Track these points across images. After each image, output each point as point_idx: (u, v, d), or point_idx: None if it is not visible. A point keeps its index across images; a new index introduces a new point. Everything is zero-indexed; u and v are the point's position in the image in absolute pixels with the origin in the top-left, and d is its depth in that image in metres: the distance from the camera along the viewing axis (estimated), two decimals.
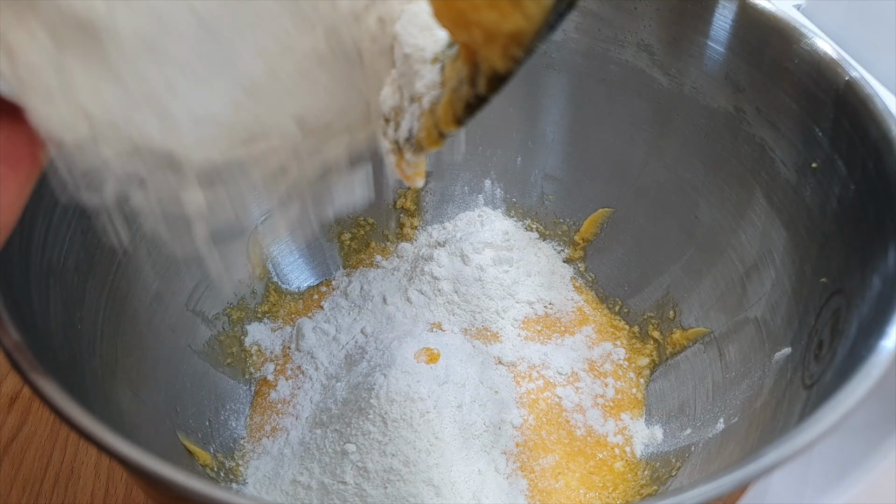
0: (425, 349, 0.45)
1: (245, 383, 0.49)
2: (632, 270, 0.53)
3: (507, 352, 0.50)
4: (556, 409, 0.47)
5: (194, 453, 0.42)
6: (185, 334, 0.48)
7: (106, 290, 0.39)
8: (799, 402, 0.34)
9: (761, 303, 0.42)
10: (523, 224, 0.57)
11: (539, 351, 0.50)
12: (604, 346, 0.51)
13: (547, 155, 0.55)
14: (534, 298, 0.53)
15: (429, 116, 0.25)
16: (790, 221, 0.41)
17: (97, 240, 0.39)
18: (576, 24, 0.49)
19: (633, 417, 0.47)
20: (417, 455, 0.40)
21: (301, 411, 0.47)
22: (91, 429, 0.24)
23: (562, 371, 0.49)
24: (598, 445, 0.46)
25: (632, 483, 0.44)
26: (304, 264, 0.55)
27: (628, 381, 0.49)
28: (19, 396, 0.49)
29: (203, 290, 0.49)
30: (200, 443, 0.43)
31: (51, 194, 0.35)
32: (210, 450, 0.43)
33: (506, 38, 0.20)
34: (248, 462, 0.45)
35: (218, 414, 0.46)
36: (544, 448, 0.45)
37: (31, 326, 0.29)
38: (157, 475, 0.23)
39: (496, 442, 0.44)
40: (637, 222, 0.52)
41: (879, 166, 0.34)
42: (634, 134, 0.50)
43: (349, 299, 0.53)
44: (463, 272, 0.52)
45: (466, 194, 0.58)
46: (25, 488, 0.44)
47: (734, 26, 0.43)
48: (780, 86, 0.41)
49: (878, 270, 0.32)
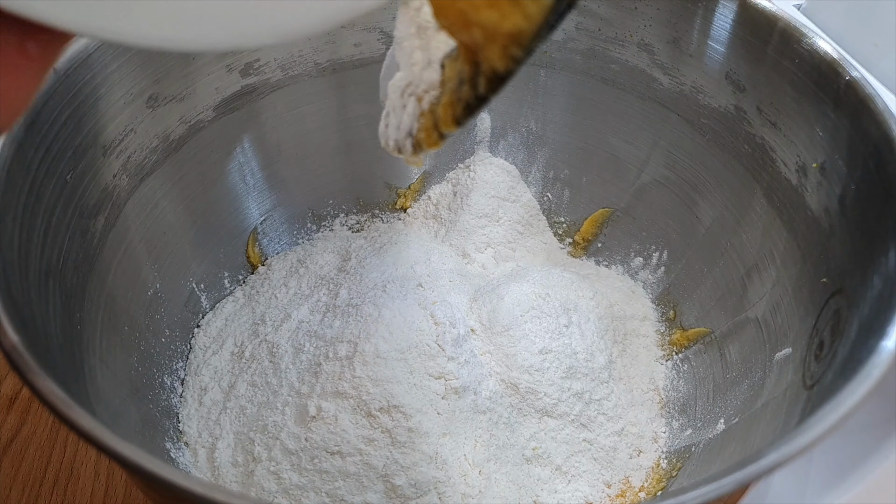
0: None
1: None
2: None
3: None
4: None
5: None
6: (184, 334, 0.48)
7: (106, 291, 0.39)
8: (799, 403, 0.34)
9: (762, 303, 0.42)
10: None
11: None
12: None
13: (547, 155, 0.55)
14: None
15: (428, 117, 0.25)
16: (791, 221, 0.41)
17: (97, 240, 0.39)
18: (576, 24, 0.49)
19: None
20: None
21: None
22: (91, 429, 0.24)
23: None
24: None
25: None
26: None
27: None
28: (18, 397, 0.49)
29: (203, 291, 0.49)
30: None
31: (51, 194, 0.35)
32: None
33: (506, 38, 0.20)
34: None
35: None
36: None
37: (30, 327, 0.29)
38: (157, 475, 0.23)
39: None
40: (637, 222, 0.52)
41: (879, 166, 0.34)
42: (634, 134, 0.50)
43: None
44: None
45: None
46: (25, 488, 0.44)
47: (734, 26, 0.43)
48: (781, 86, 0.41)
49: (878, 270, 0.32)
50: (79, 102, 0.37)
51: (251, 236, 0.52)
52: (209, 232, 0.49)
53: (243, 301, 0.51)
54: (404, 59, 0.27)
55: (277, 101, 0.50)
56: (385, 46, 0.50)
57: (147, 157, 0.43)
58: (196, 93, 0.45)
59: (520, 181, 0.55)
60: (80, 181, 0.37)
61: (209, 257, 0.49)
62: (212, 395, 0.45)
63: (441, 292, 0.46)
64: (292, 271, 0.52)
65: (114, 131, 0.40)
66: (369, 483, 0.39)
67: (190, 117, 0.45)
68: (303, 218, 0.55)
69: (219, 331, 0.49)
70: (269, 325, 0.47)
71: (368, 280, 0.47)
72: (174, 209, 0.46)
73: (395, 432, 0.39)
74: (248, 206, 0.51)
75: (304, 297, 0.49)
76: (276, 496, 0.39)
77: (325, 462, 0.39)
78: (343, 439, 0.39)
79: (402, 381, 0.40)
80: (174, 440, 0.42)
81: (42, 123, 0.34)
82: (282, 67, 0.49)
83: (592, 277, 0.53)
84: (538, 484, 0.42)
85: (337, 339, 0.43)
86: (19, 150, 0.33)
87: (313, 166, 0.53)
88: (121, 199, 0.41)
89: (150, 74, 0.42)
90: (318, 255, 0.52)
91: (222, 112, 0.47)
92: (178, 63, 0.43)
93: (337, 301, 0.46)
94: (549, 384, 0.43)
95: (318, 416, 0.40)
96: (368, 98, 0.45)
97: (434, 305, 0.44)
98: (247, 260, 0.52)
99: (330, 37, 0.49)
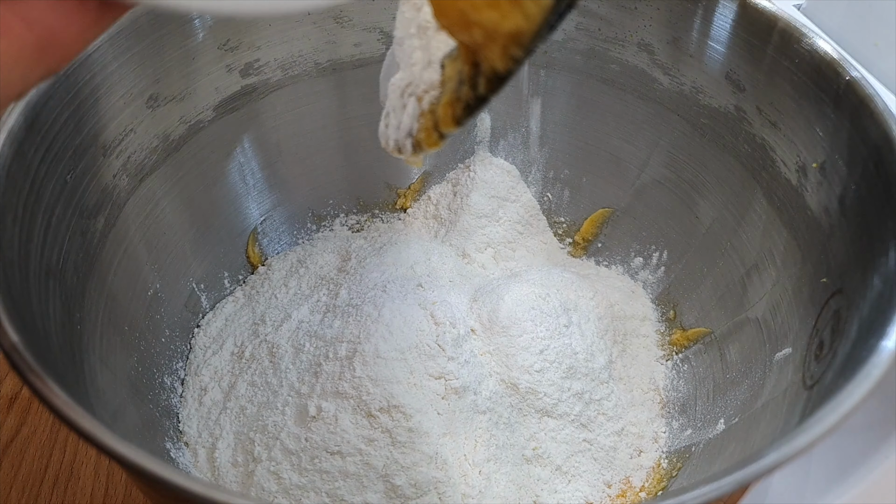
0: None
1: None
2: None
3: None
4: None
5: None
6: (184, 334, 0.48)
7: (106, 291, 0.39)
8: (799, 403, 0.34)
9: (762, 303, 0.42)
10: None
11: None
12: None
13: (547, 155, 0.55)
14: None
15: (428, 117, 0.25)
16: (791, 221, 0.41)
17: (97, 240, 0.39)
18: (576, 24, 0.49)
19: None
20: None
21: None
22: (91, 429, 0.24)
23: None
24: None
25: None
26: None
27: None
28: (19, 397, 0.49)
29: (203, 291, 0.49)
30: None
31: (51, 194, 0.35)
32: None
33: (506, 38, 0.20)
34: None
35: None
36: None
37: (30, 327, 0.29)
38: (157, 475, 0.23)
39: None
40: (637, 222, 0.52)
41: (879, 166, 0.34)
42: (634, 134, 0.50)
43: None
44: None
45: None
46: (25, 488, 0.44)
47: (734, 26, 0.43)
48: (781, 85, 0.41)
49: (878, 270, 0.32)
50: (79, 102, 0.37)
51: (251, 236, 0.52)
52: (209, 232, 0.49)
53: (243, 301, 0.51)
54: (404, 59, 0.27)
55: (277, 101, 0.50)
56: (385, 46, 0.50)
57: (147, 157, 0.43)
58: (196, 93, 0.45)
59: (520, 181, 0.55)
60: (80, 181, 0.37)
61: (209, 257, 0.49)
62: (212, 395, 0.45)
63: (441, 292, 0.46)
64: (292, 271, 0.52)
65: (114, 131, 0.40)
66: (369, 483, 0.39)
67: (190, 117, 0.45)
68: (303, 218, 0.55)
69: (219, 331, 0.49)
70: (269, 325, 0.47)
71: (368, 280, 0.47)
72: (174, 209, 0.46)
73: (396, 432, 0.39)
74: (248, 206, 0.51)
75: (304, 297, 0.49)
76: (277, 496, 0.39)
77: (326, 462, 0.39)
78: (343, 439, 0.39)
79: (402, 381, 0.40)
80: (174, 440, 0.42)
81: (42, 123, 0.34)
82: (282, 67, 0.49)
83: (592, 277, 0.53)
84: (538, 484, 0.42)
85: (337, 339, 0.43)
86: (19, 150, 0.33)
87: (313, 166, 0.53)
88: (121, 199, 0.41)
89: (150, 74, 0.42)
90: (318, 256, 0.52)
91: (222, 112, 0.47)
92: (178, 63, 0.43)
93: (337, 301, 0.46)
94: (549, 384, 0.43)
95: (318, 416, 0.40)
96: (368, 98, 0.45)
97: (434, 305, 0.44)
98: (247, 260, 0.52)
99: (330, 37, 0.49)
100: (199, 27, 0.44)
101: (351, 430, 0.39)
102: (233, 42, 0.46)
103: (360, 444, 0.39)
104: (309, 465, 0.39)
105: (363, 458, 0.39)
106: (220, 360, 0.47)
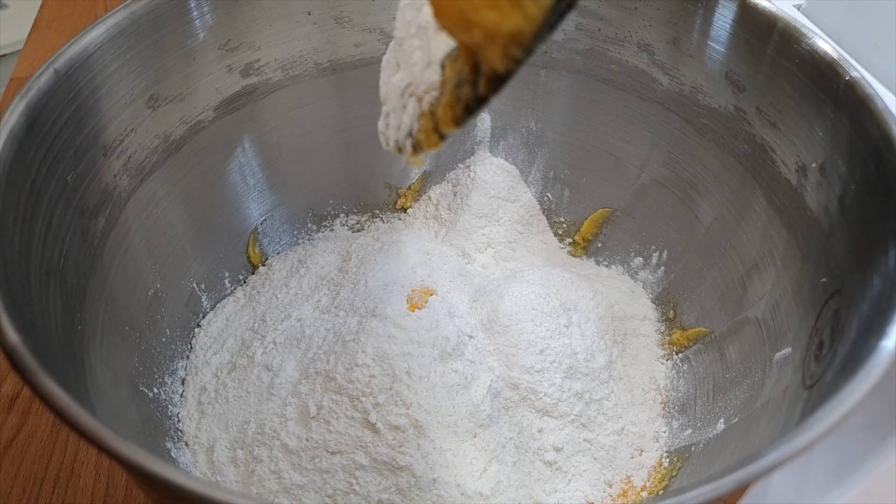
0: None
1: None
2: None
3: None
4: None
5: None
6: (185, 334, 0.48)
7: (106, 291, 0.39)
8: (799, 403, 0.34)
9: (762, 303, 0.42)
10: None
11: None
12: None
13: (547, 155, 0.55)
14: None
15: (428, 118, 0.25)
16: (790, 221, 0.41)
17: (98, 240, 0.39)
18: (576, 24, 0.49)
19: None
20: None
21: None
22: (91, 429, 0.24)
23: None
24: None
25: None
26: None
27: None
28: (19, 396, 0.49)
29: (204, 291, 0.49)
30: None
31: (51, 194, 0.35)
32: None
33: (506, 39, 0.20)
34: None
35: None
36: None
37: (30, 327, 0.29)
38: (157, 475, 0.23)
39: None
40: (637, 222, 0.52)
41: (879, 166, 0.34)
42: (634, 134, 0.50)
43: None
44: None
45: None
46: (25, 488, 0.44)
47: (734, 26, 0.43)
48: (781, 86, 0.41)
49: (878, 270, 0.32)
50: (79, 103, 0.37)
51: (252, 236, 0.52)
52: (210, 232, 0.49)
53: (244, 301, 0.51)
54: (404, 60, 0.27)
55: (278, 101, 0.50)
56: (385, 46, 0.50)
57: (148, 158, 0.43)
58: (196, 93, 0.45)
59: (520, 181, 0.56)
60: (80, 181, 0.37)
61: (210, 257, 0.50)
62: (212, 395, 0.45)
63: (441, 292, 0.46)
64: (293, 271, 0.52)
65: (114, 131, 0.40)
66: (369, 482, 0.39)
67: (190, 117, 0.45)
68: (303, 218, 0.55)
69: (219, 331, 0.49)
70: (269, 325, 0.47)
71: (369, 280, 0.47)
72: (175, 209, 0.46)
73: (396, 432, 0.39)
74: (248, 206, 0.52)
75: (304, 298, 0.49)
76: (277, 496, 0.39)
77: (326, 461, 0.39)
78: (344, 439, 0.39)
79: (403, 381, 0.40)
80: (174, 440, 0.42)
81: (42, 123, 0.34)
82: (282, 68, 0.49)
83: (592, 277, 0.53)
84: (538, 483, 0.42)
85: (337, 339, 0.43)
86: (20, 150, 0.33)
87: (313, 166, 0.53)
88: (121, 199, 0.41)
89: (150, 75, 0.42)
90: (319, 256, 0.52)
91: (223, 112, 0.47)
92: (179, 63, 0.43)
93: (337, 301, 0.47)
94: (550, 384, 0.43)
95: (319, 416, 0.40)
96: (368, 98, 0.45)
97: (434, 305, 0.44)
98: (247, 260, 0.52)
99: (330, 37, 0.49)
100: (200, 27, 0.44)
101: (351, 429, 0.39)
102: (233, 42, 0.46)
103: (360, 443, 0.39)
104: (309, 464, 0.39)
105: (363, 458, 0.39)
106: (221, 361, 0.47)
